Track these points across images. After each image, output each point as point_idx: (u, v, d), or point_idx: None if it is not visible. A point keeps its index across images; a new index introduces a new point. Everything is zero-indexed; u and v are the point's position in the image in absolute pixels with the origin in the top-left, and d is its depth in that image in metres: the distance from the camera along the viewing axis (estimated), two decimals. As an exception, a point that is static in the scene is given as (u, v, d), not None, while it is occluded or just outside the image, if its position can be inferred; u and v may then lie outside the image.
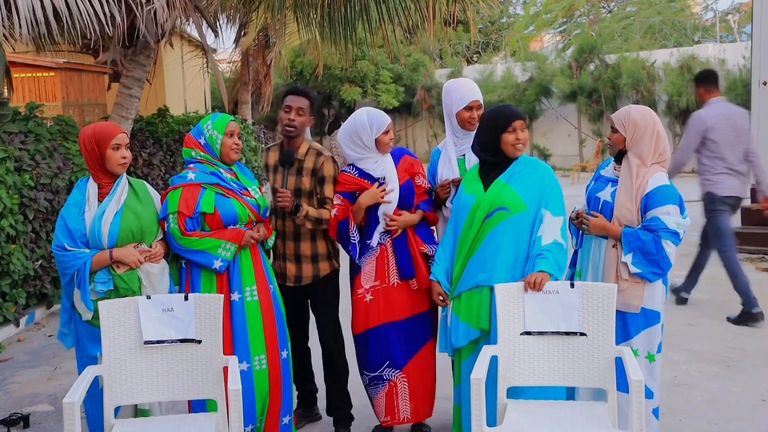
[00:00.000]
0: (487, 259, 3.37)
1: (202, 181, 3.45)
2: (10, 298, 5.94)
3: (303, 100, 3.77)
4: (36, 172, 6.25)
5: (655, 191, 3.35)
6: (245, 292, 3.51)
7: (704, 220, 6.12)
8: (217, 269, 3.43)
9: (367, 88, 19.87)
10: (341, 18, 7.39)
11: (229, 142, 3.50)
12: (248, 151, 14.46)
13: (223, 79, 14.97)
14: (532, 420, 3.05)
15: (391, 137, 3.74)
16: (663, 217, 3.32)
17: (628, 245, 3.36)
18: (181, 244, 3.40)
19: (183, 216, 3.40)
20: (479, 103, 3.74)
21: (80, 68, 13.06)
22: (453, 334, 3.48)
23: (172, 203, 3.41)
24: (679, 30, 22.09)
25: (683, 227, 3.35)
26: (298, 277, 3.83)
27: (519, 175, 3.39)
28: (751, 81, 9.03)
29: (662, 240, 3.31)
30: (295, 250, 3.80)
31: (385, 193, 3.66)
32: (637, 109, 3.48)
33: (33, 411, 4.42)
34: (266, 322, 3.55)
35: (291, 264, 3.82)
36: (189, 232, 3.40)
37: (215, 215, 3.42)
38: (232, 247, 3.44)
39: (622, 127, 3.44)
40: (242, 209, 3.47)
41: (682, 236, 3.35)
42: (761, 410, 4.19)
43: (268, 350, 3.55)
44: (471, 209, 3.41)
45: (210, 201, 3.42)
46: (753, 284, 6.89)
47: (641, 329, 3.41)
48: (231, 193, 3.48)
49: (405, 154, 3.82)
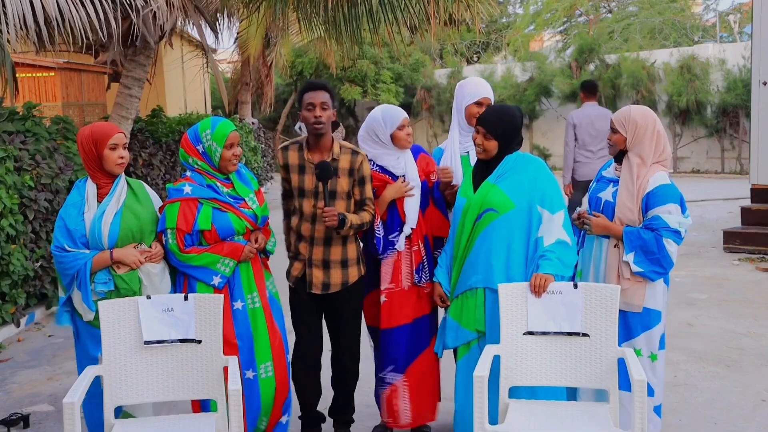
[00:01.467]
0: (479, 261, 3.37)
1: (199, 196, 3.39)
2: (10, 298, 5.94)
3: (324, 94, 3.51)
4: (36, 172, 6.25)
5: (656, 190, 3.36)
6: (247, 300, 3.48)
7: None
8: (216, 286, 3.40)
9: (367, 88, 19.85)
10: (344, 18, 7.38)
11: (228, 154, 3.41)
12: (248, 152, 14.45)
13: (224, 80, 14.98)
14: (534, 420, 3.05)
15: (408, 132, 3.73)
16: (664, 216, 3.32)
17: (630, 244, 3.35)
18: (181, 260, 3.38)
19: (181, 233, 3.36)
20: (489, 101, 3.77)
21: (80, 68, 13.06)
22: (448, 335, 3.48)
23: (170, 218, 3.37)
24: (679, 30, 22.09)
25: (685, 226, 3.36)
26: (326, 285, 3.58)
27: (508, 174, 3.36)
28: (752, 81, 9.03)
29: (663, 239, 3.31)
30: (324, 256, 3.57)
31: (409, 188, 3.68)
32: (637, 109, 3.48)
33: (33, 411, 4.41)
34: (270, 327, 3.53)
35: (318, 270, 3.58)
36: (187, 249, 3.38)
37: (212, 231, 3.39)
38: (231, 262, 3.41)
39: (623, 127, 3.44)
40: (239, 222, 3.43)
41: (683, 235, 3.35)
42: (761, 410, 4.19)
43: (274, 356, 3.53)
44: (462, 212, 3.42)
45: (207, 217, 3.38)
46: (753, 284, 6.90)
47: (643, 329, 3.41)
48: (227, 206, 3.42)
49: (422, 152, 3.83)
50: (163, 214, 3.41)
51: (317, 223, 3.54)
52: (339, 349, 3.76)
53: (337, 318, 3.70)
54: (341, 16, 7.35)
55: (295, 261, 3.66)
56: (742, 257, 8.17)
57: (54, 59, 11.69)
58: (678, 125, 17.19)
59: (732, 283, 7.06)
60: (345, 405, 3.87)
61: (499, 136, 3.34)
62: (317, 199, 3.53)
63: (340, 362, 3.78)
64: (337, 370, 3.82)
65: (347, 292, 3.63)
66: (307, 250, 3.59)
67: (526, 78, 19.52)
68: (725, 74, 16.63)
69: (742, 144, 16.33)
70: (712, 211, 11.54)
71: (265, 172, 16.56)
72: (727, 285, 7.01)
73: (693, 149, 17.39)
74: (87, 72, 13.27)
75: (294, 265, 3.66)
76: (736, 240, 8.45)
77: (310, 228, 3.57)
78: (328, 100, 3.52)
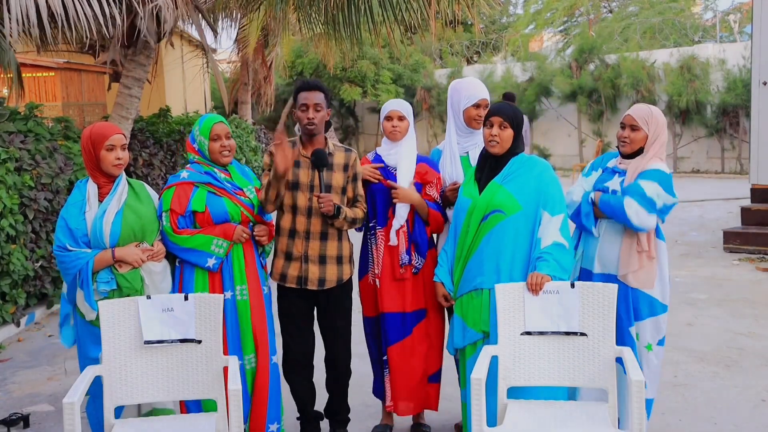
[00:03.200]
0: (484, 262, 3.37)
1: (195, 180, 3.46)
2: (10, 298, 5.94)
3: (318, 95, 3.56)
4: (36, 172, 6.25)
5: (649, 170, 3.44)
6: (236, 291, 3.50)
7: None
8: (210, 268, 3.42)
9: (367, 88, 19.85)
10: (344, 18, 7.39)
11: (216, 146, 3.47)
12: (248, 151, 14.45)
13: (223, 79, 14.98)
14: (533, 420, 3.05)
15: (394, 125, 3.76)
16: (642, 184, 3.39)
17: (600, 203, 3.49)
18: (173, 241, 3.40)
19: (175, 214, 3.41)
20: (487, 102, 3.77)
21: (80, 68, 13.07)
22: (456, 335, 3.50)
23: (165, 201, 3.44)
24: (679, 30, 22.09)
25: (663, 200, 3.40)
26: (321, 280, 3.61)
27: (514, 175, 3.38)
28: (752, 81, 9.03)
29: (625, 197, 3.38)
30: (321, 251, 3.60)
31: (374, 173, 3.75)
32: (654, 107, 3.55)
33: (33, 411, 4.41)
34: (256, 322, 3.52)
35: (314, 266, 3.60)
36: (180, 230, 3.41)
37: (205, 213, 3.42)
38: (224, 243, 3.42)
39: (646, 124, 3.47)
40: (234, 208, 3.46)
41: (658, 206, 3.39)
42: (761, 410, 4.19)
43: (258, 351, 3.53)
44: (467, 212, 3.42)
45: (201, 199, 3.43)
46: (753, 284, 6.90)
47: (651, 314, 3.47)
48: (223, 192, 3.47)
49: (423, 162, 3.83)
50: (161, 200, 3.46)
51: (313, 216, 3.58)
52: (333, 348, 3.78)
53: (331, 316, 3.72)
54: (341, 16, 7.36)
55: (290, 260, 3.62)
56: (742, 257, 8.17)
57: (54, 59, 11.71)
58: (678, 125, 17.20)
59: (732, 283, 7.06)
60: (341, 405, 3.89)
61: (514, 125, 3.37)
62: (312, 192, 3.57)
63: (334, 361, 3.80)
64: (332, 370, 3.83)
65: (340, 289, 3.67)
66: (302, 246, 3.60)
67: (526, 78, 19.53)
68: (725, 74, 16.63)
69: (742, 144, 16.34)
70: (712, 211, 11.54)
71: (265, 172, 16.54)
72: (727, 285, 7.01)
73: (693, 149, 17.40)
74: (87, 72, 13.29)
75: (291, 264, 3.62)
76: (736, 240, 8.46)
77: (305, 222, 3.59)
78: (321, 101, 3.57)
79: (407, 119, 3.80)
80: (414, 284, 3.76)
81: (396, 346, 3.77)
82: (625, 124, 3.51)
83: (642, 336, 3.48)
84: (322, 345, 3.84)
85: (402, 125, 3.78)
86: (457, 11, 7.46)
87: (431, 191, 3.78)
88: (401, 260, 3.73)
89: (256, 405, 3.55)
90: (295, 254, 3.61)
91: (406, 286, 3.75)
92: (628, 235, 3.46)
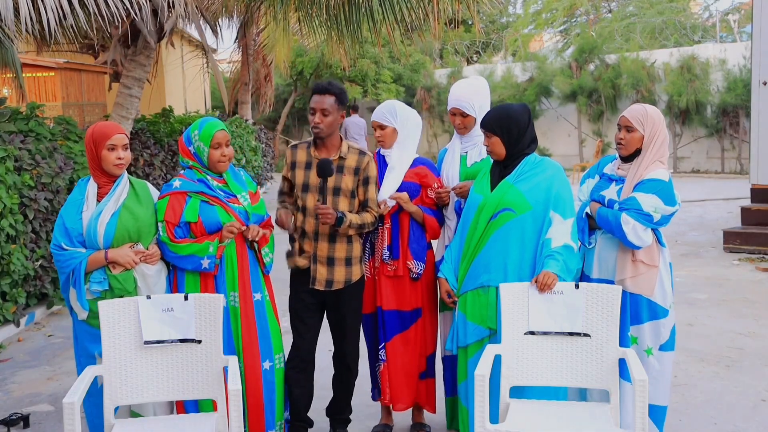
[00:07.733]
0: (492, 260, 3.37)
1: (188, 189, 3.41)
2: (10, 298, 5.94)
3: (327, 98, 3.53)
4: (36, 171, 6.25)
5: (648, 180, 3.37)
6: (229, 297, 3.47)
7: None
8: (207, 267, 3.38)
9: (367, 88, 19.87)
10: (345, 18, 7.39)
11: (216, 154, 3.42)
12: (248, 151, 14.44)
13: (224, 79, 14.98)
14: (535, 419, 3.05)
15: (377, 135, 3.79)
16: (639, 198, 3.33)
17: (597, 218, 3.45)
18: (172, 250, 3.38)
19: (171, 225, 3.38)
20: (456, 110, 3.74)
21: (80, 68, 13.08)
22: (461, 332, 3.48)
23: (160, 212, 3.41)
24: (680, 30, 22.09)
25: (661, 212, 3.34)
26: (329, 282, 3.61)
27: (527, 175, 3.37)
28: (752, 81, 9.03)
29: (622, 214, 3.33)
30: (329, 252, 3.59)
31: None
32: (650, 106, 3.48)
33: (33, 411, 4.41)
34: (244, 330, 3.48)
35: (322, 267, 3.60)
36: (179, 240, 3.39)
37: (198, 223, 3.39)
38: (215, 243, 3.38)
39: (641, 124, 3.40)
40: (226, 217, 3.42)
41: (656, 220, 3.33)
42: (761, 410, 4.19)
43: (244, 356, 3.47)
44: (477, 209, 3.41)
45: (194, 210, 3.39)
46: (753, 284, 6.90)
47: (651, 318, 3.43)
48: (216, 200, 3.42)
49: (422, 164, 3.80)
50: (156, 208, 3.45)
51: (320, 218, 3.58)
52: (342, 347, 3.78)
53: (340, 316, 3.71)
54: (342, 15, 7.36)
55: (300, 258, 3.65)
56: (742, 257, 8.17)
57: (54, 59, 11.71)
58: (678, 125, 17.20)
59: (732, 283, 7.06)
60: (344, 404, 3.89)
61: (498, 132, 3.34)
62: (320, 195, 3.56)
63: (342, 360, 3.80)
64: (339, 369, 3.83)
65: (350, 290, 3.65)
66: (311, 246, 3.61)
67: (526, 78, 19.53)
68: (725, 74, 16.64)
69: (742, 144, 16.34)
70: (712, 211, 11.54)
71: (265, 171, 16.55)
72: (727, 285, 7.01)
73: (693, 149, 17.40)
74: (87, 72, 13.29)
75: (303, 261, 3.64)
76: (736, 240, 8.46)
77: (314, 223, 3.59)
78: (330, 105, 3.54)
79: (390, 126, 3.76)
80: (412, 284, 3.77)
81: (393, 340, 3.79)
82: (621, 125, 3.47)
83: (641, 340, 3.44)
84: (330, 343, 3.85)
85: (385, 133, 3.77)
86: (458, 9, 7.46)
87: (431, 193, 3.79)
88: (383, 256, 3.73)
89: (251, 409, 3.51)
90: (306, 254, 3.63)
91: (405, 286, 3.76)
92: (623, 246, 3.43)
